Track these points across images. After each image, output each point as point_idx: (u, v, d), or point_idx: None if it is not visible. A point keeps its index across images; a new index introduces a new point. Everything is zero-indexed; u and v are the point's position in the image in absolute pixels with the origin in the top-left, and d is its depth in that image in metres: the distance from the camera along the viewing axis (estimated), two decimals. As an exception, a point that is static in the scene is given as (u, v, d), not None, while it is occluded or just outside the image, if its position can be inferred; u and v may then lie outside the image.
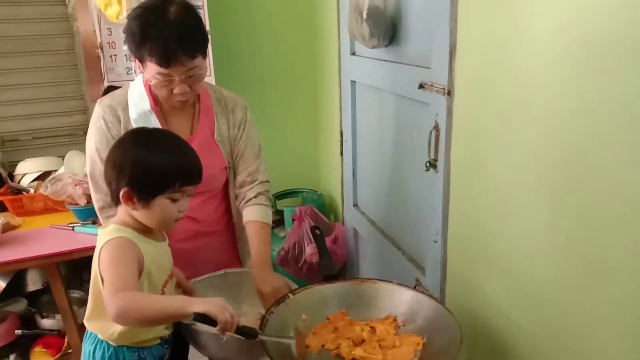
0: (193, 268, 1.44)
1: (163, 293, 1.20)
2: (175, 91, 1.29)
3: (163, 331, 1.25)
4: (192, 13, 1.29)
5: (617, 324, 0.95)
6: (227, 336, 1.11)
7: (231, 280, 1.46)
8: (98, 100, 1.44)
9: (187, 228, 1.48)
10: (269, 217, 1.48)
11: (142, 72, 1.33)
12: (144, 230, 1.16)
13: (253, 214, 1.46)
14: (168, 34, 1.21)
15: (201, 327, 1.23)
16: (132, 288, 1.03)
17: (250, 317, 1.38)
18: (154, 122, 1.37)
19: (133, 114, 1.38)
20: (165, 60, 1.22)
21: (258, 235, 1.43)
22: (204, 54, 1.31)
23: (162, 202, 1.11)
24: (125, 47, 2.19)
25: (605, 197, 0.93)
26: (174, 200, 1.13)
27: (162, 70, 1.24)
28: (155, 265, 1.17)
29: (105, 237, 1.12)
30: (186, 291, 1.36)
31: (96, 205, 1.42)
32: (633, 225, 0.88)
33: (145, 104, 1.37)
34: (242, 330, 1.07)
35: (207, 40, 1.31)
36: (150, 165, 1.09)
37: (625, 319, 0.93)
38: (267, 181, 1.54)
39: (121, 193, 1.10)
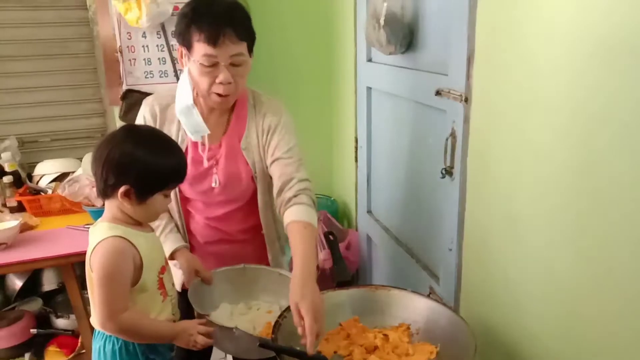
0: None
1: (161, 281, 1.24)
2: (218, 79, 1.29)
3: (170, 316, 1.28)
4: (242, 7, 1.35)
5: (638, 337, 0.93)
6: (239, 332, 1.13)
7: (249, 275, 1.47)
8: (146, 98, 1.47)
9: (211, 234, 1.51)
10: (312, 217, 1.30)
11: (187, 65, 1.33)
12: (134, 223, 1.21)
13: (292, 214, 1.29)
14: (219, 12, 1.27)
15: (214, 319, 1.25)
16: (126, 306, 1.15)
17: (261, 312, 1.40)
18: (196, 116, 1.37)
19: (178, 106, 1.39)
20: (215, 35, 1.24)
21: (301, 238, 1.24)
22: (251, 46, 1.33)
23: (157, 198, 1.19)
24: (146, 51, 2.23)
25: (628, 206, 0.92)
26: (167, 196, 1.22)
27: (210, 50, 1.26)
28: (151, 256, 1.21)
29: (98, 236, 1.16)
30: (205, 280, 1.41)
31: None
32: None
33: (189, 98, 1.36)
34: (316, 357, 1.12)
35: (254, 34, 1.34)
36: (154, 166, 1.16)
37: (645, 332, 0.91)
38: (307, 179, 1.39)
39: (121, 190, 1.14)
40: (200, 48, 1.26)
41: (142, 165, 1.14)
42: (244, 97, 1.45)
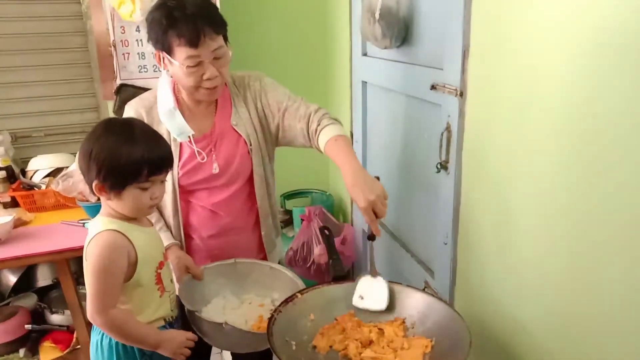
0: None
1: (159, 276, 1.23)
2: (205, 76, 1.31)
3: (168, 312, 1.27)
4: (208, 0, 1.35)
5: (631, 331, 0.93)
6: (228, 327, 1.14)
7: (240, 270, 1.48)
8: (128, 102, 1.48)
9: (215, 224, 1.50)
10: (341, 130, 1.40)
11: (167, 69, 1.35)
12: (130, 218, 1.19)
13: (325, 136, 1.38)
14: (193, 13, 1.26)
15: (205, 315, 1.25)
16: (115, 302, 1.15)
17: (253, 306, 1.41)
18: (179, 119, 1.39)
19: (162, 108, 1.40)
20: (195, 37, 1.25)
21: (339, 147, 1.34)
22: (226, 36, 1.35)
23: (133, 192, 1.14)
24: (139, 45, 2.22)
25: (622, 201, 0.92)
26: (144, 189, 1.15)
27: (192, 51, 1.27)
28: (148, 251, 1.20)
29: (95, 229, 1.15)
30: (195, 276, 1.40)
31: None
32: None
33: (170, 101, 1.40)
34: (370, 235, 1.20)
35: (226, 23, 1.35)
36: (114, 157, 1.10)
37: None
38: (320, 107, 1.46)
39: (93, 185, 1.12)
40: (182, 51, 1.28)
41: (102, 157, 1.10)
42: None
